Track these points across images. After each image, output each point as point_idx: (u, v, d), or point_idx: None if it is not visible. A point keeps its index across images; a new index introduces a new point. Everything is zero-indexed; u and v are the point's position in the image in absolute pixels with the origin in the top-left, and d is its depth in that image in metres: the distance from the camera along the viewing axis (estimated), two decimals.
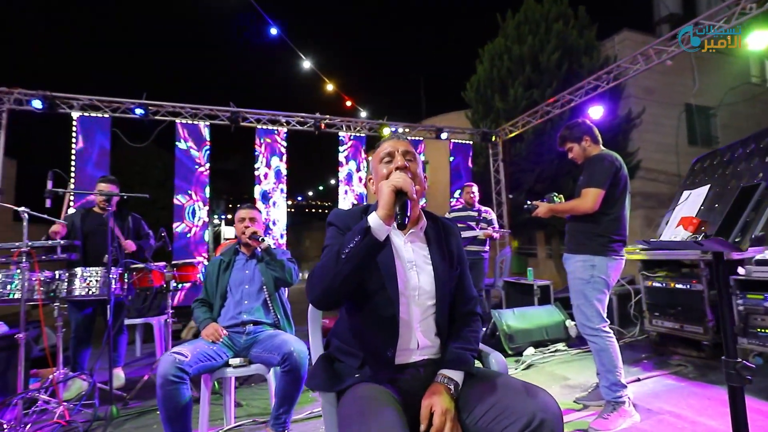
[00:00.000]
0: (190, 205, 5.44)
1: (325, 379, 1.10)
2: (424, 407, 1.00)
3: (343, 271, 0.98)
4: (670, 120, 9.18)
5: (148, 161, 10.70)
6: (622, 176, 2.23)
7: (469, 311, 1.25)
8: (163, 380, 1.67)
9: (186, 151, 5.50)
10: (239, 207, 2.39)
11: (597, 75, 5.55)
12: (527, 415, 0.91)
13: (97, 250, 2.88)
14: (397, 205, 0.98)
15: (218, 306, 2.18)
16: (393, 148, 1.19)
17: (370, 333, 1.11)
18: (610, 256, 2.18)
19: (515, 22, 9.12)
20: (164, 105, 5.50)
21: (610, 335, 2.18)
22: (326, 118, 6.36)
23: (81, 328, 2.89)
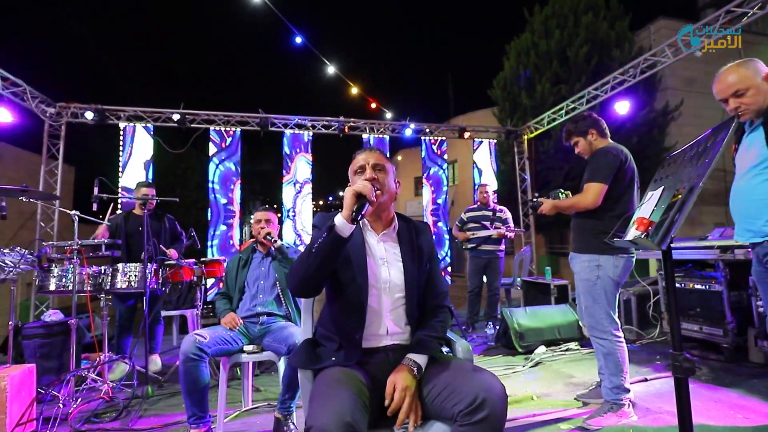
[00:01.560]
0: (224, 206, 5.85)
1: (305, 359, 1.27)
2: (388, 384, 1.15)
3: (313, 263, 1.15)
4: (713, 111, 8.60)
5: (188, 165, 11.46)
6: (627, 169, 2.15)
7: (437, 304, 1.38)
8: (185, 357, 1.92)
9: (219, 155, 5.91)
10: (256, 210, 2.62)
11: (624, 69, 5.37)
12: (472, 395, 1.03)
13: (137, 249, 3.23)
14: (355, 206, 1.14)
15: (237, 299, 2.42)
16: (364, 161, 1.34)
17: (343, 319, 1.28)
18: (616, 255, 2.10)
19: (542, 16, 8.93)
20: (199, 113, 5.93)
21: (619, 339, 2.13)
22: (350, 121, 6.58)
23: (123, 318, 3.26)
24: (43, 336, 2.87)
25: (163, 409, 2.55)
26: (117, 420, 2.38)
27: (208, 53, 71.33)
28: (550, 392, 2.58)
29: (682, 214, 0.91)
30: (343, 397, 1.02)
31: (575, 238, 2.32)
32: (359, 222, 1.14)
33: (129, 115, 5.61)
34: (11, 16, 24.48)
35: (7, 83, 4.37)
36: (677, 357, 1.10)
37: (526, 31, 9.32)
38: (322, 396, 1.05)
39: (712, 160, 0.89)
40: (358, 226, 1.25)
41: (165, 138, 6.02)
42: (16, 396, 2.10)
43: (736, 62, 1.69)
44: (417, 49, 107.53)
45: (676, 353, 1.10)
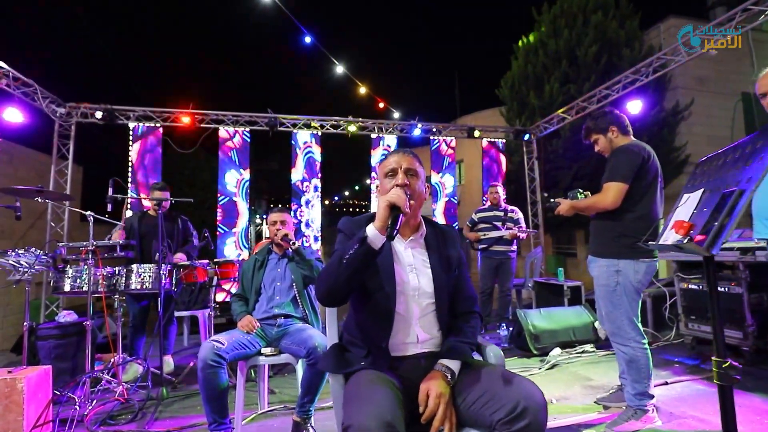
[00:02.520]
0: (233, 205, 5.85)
1: (335, 363, 1.25)
2: (422, 391, 1.12)
3: (343, 273, 1.12)
4: (725, 111, 8.53)
5: (197, 165, 11.47)
6: (651, 168, 2.05)
7: (467, 309, 1.35)
8: (204, 364, 1.90)
9: (229, 155, 5.91)
10: (271, 210, 2.60)
11: (636, 68, 5.32)
12: (512, 402, 1.00)
13: (151, 249, 3.23)
14: (390, 219, 1.11)
15: (253, 301, 2.40)
16: (397, 164, 1.30)
17: (370, 326, 1.25)
18: (637, 259, 2.02)
19: (551, 15, 8.86)
20: (209, 113, 5.93)
21: (643, 346, 2.05)
22: (358, 121, 6.56)
23: (137, 319, 3.25)
24: (57, 337, 2.87)
25: (178, 411, 2.54)
26: (133, 422, 2.37)
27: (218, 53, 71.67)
28: (569, 396, 2.55)
29: (733, 219, 0.88)
30: (380, 396, 1.00)
31: (593, 241, 2.24)
32: (389, 236, 1.10)
33: (138, 115, 5.61)
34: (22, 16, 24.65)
35: (18, 83, 4.39)
36: (721, 364, 1.07)
37: (534, 30, 9.26)
38: (359, 396, 1.03)
39: (766, 162, 0.86)
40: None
41: (174, 138, 6.04)
42: (33, 397, 2.10)
43: None
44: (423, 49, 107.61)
45: (720, 360, 1.07)
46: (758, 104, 8.59)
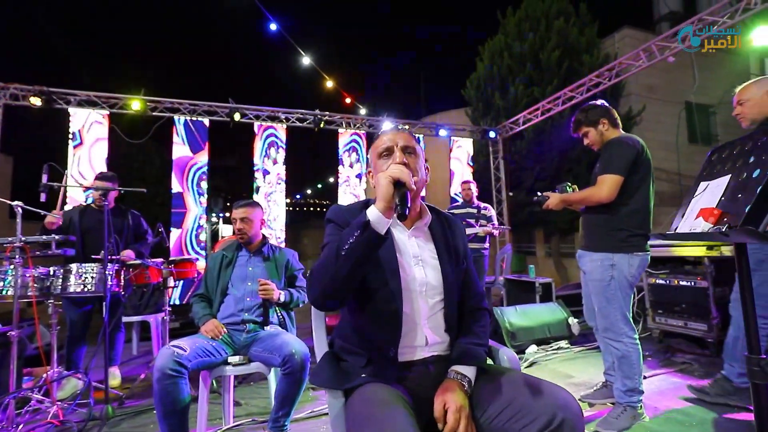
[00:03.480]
0: None
1: (331, 376, 1.05)
2: (438, 404, 0.96)
3: (342, 268, 0.94)
4: (671, 118, 9.16)
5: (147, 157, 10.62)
6: (644, 161, 2.02)
7: (477, 306, 1.21)
8: (161, 374, 1.62)
9: (184, 146, 5.44)
10: (235, 205, 2.32)
11: (599, 72, 5.51)
12: (547, 415, 0.86)
13: (95, 247, 2.82)
14: (397, 196, 0.94)
15: (218, 302, 2.13)
16: (392, 142, 1.13)
17: (372, 332, 1.07)
18: (631, 253, 1.98)
19: (516, 19, 9.08)
20: (162, 101, 5.44)
21: (634, 341, 2.01)
22: (326, 115, 6.32)
23: (76, 326, 2.83)
24: None
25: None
26: None
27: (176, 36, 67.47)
28: None
29: None
30: (397, 418, 0.83)
31: (585, 235, 2.18)
32: (400, 215, 0.93)
33: (81, 100, 5.03)
34: None
35: None
36: (755, 361, 0.99)
37: (499, 33, 9.45)
38: (372, 419, 0.85)
39: None
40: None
41: (122, 127, 5.47)
42: None
43: (755, 79, 2.09)
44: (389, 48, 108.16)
45: (754, 357, 1.00)
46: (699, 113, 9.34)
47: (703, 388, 2.27)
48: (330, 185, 17.53)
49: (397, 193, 0.94)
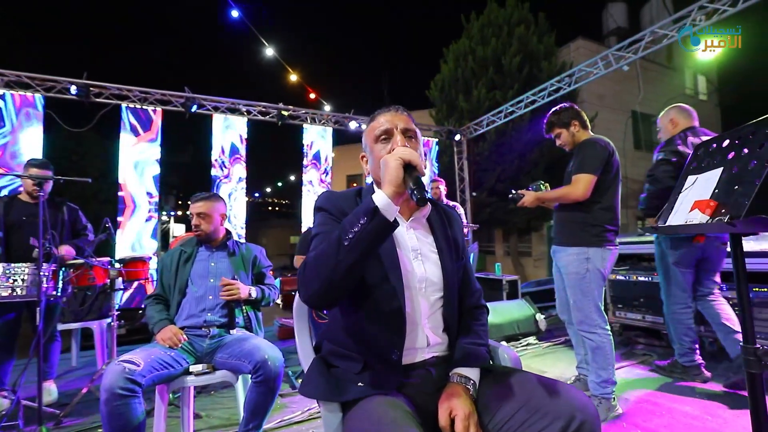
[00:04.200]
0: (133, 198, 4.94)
1: (325, 387, 0.93)
2: (443, 412, 0.88)
3: (346, 260, 0.82)
4: (619, 125, 9.80)
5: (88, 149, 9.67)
6: (614, 162, 2.14)
7: (476, 304, 1.14)
8: (110, 395, 1.40)
9: (132, 138, 4.99)
10: (193, 198, 2.11)
11: (560, 77, 5.74)
12: (565, 417, 0.80)
13: (22, 245, 2.46)
14: (410, 180, 0.84)
15: (176, 302, 1.92)
16: (391, 124, 1.03)
17: (371, 333, 0.96)
18: (604, 247, 2.08)
19: (479, 24, 9.30)
20: (108, 87, 4.96)
21: (608, 332, 2.09)
22: (290, 109, 6.08)
23: (2, 336, 2.46)
24: None
25: None
26: None
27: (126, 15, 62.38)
28: None
29: None
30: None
31: (560, 231, 2.25)
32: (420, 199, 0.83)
33: (10, 81, 4.46)
34: None
35: None
36: (751, 350, 1.00)
37: (463, 36, 9.64)
38: None
39: None
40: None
41: (61, 114, 4.92)
42: None
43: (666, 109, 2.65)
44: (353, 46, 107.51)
45: (749, 346, 1.00)
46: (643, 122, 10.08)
47: (664, 367, 2.64)
48: (290, 183, 17.03)
49: (410, 176, 0.84)
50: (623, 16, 12.19)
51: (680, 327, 2.53)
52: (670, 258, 2.54)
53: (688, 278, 2.52)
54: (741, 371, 2.30)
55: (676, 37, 4.39)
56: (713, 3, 3.98)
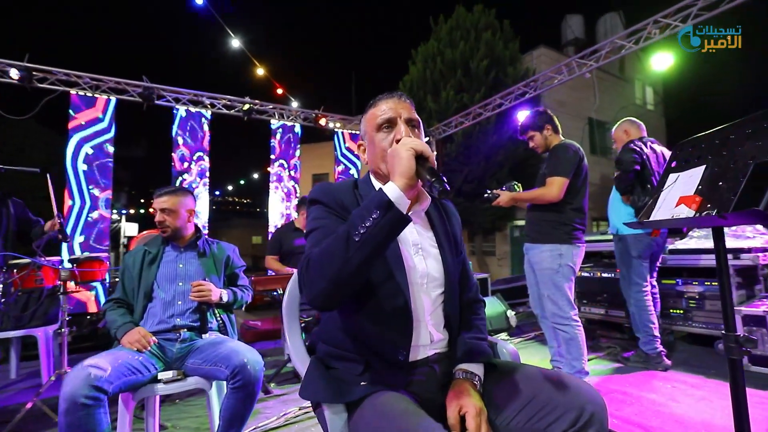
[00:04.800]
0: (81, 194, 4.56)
1: (328, 388, 0.87)
2: (452, 410, 0.85)
3: (356, 257, 0.77)
4: (577, 131, 10.33)
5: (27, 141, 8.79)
6: (584, 167, 2.29)
7: (474, 298, 1.13)
8: (71, 404, 1.26)
9: (81, 128, 4.60)
10: (156, 193, 1.96)
11: (526, 82, 5.94)
12: (576, 409, 0.80)
13: None
14: (425, 172, 0.80)
15: (141, 307, 1.77)
16: (394, 113, 0.98)
17: (375, 333, 0.91)
18: (575, 244, 2.22)
19: (448, 27, 9.46)
20: (54, 71, 4.54)
21: (579, 324, 2.20)
22: (257, 104, 5.87)
23: None
24: None
25: None
26: None
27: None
28: None
29: None
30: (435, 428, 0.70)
31: (534, 230, 2.36)
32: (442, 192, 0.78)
33: None
34: None
35: None
36: (732, 338, 1.05)
37: (431, 38, 9.77)
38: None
39: None
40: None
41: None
42: None
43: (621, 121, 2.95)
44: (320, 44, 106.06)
45: (730, 334, 1.06)
46: (598, 129, 10.72)
47: (629, 358, 2.79)
48: (253, 182, 16.48)
49: (424, 168, 0.80)
50: (580, 28, 12.89)
51: (645, 314, 2.70)
52: (633, 251, 2.72)
53: (646, 270, 2.74)
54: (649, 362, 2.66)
55: (633, 48, 4.68)
56: (666, 18, 4.27)
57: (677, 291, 3.03)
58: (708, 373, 2.49)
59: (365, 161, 1.07)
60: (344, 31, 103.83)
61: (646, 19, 4.47)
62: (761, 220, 0.90)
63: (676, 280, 3.05)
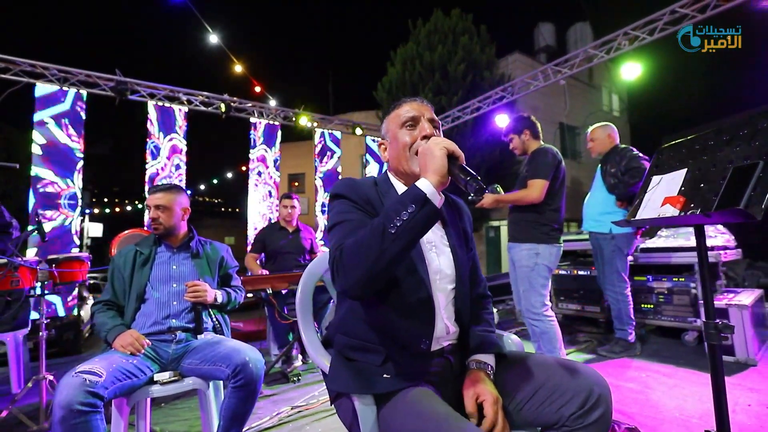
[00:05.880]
0: (61, 193, 4.34)
1: (355, 380, 0.90)
2: (470, 399, 0.89)
3: (392, 248, 0.80)
4: (549, 136, 10.71)
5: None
6: (561, 170, 2.41)
7: (482, 293, 1.18)
8: (67, 412, 1.22)
9: (48, 124, 4.37)
10: (151, 190, 1.91)
11: (504, 87, 6.13)
12: (584, 392, 0.87)
13: None
14: (459, 170, 0.85)
15: (133, 309, 1.72)
16: (418, 112, 1.05)
17: (399, 324, 0.95)
18: (552, 244, 2.34)
19: (426, 30, 9.60)
20: (18, 62, 4.30)
21: (551, 318, 2.31)
22: (235, 101, 5.76)
23: None
24: None
25: None
26: None
27: None
28: None
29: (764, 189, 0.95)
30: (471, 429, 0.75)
31: (516, 229, 2.48)
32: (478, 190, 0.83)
33: None
34: None
35: None
36: (711, 325, 1.15)
37: (410, 41, 9.88)
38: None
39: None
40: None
41: None
42: None
43: (601, 124, 3.11)
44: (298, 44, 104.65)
45: (709, 321, 1.16)
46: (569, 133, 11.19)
47: (608, 350, 2.94)
48: (228, 181, 16.08)
49: (456, 166, 0.85)
50: (552, 36, 13.40)
51: (627, 306, 2.89)
52: (625, 249, 2.90)
53: (627, 265, 2.94)
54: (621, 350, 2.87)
55: (604, 57, 4.94)
56: (635, 31, 4.54)
57: (648, 287, 3.23)
58: (678, 362, 2.67)
59: (386, 159, 1.11)
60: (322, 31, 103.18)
61: (614, 29, 4.74)
62: (741, 218, 1.00)
63: (646, 276, 3.24)
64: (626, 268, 2.93)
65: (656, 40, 4.45)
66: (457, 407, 0.91)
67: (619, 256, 2.91)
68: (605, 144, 3.02)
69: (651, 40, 4.46)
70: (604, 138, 3.03)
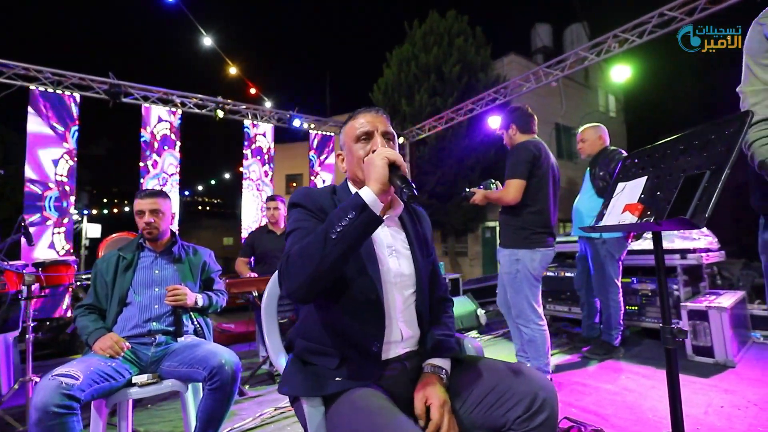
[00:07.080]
0: (50, 195, 4.38)
1: (305, 383, 0.94)
2: (419, 401, 0.93)
3: (332, 253, 0.84)
4: (544, 136, 10.73)
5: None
6: (542, 164, 2.22)
7: (443, 297, 1.22)
8: (43, 414, 1.25)
9: (43, 125, 4.41)
10: (138, 195, 1.96)
11: (496, 88, 6.16)
12: (529, 396, 0.90)
13: None
14: (397, 178, 0.89)
15: (115, 313, 1.75)
16: (372, 126, 1.07)
17: (350, 326, 0.98)
18: (533, 249, 2.20)
19: (422, 31, 9.63)
20: (12, 65, 4.34)
21: (540, 327, 2.22)
22: (229, 103, 5.80)
23: None
24: None
25: None
26: None
27: None
28: None
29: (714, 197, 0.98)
30: (406, 427, 0.77)
31: (501, 233, 2.42)
32: (411, 196, 0.87)
33: None
34: None
35: None
36: (668, 330, 1.18)
37: (406, 42, 9.91)
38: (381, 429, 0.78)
39: (733, 149, 0.98)
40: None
41: None
42: None
43: (591, 124, 3.09)
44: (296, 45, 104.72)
45: (666, 326, 1.19)
46: (564, 134, 11.21)
47: (592, 351, 2.96)
48: (225, 182, 16.14)
49: (396, 175, 0.88)
50: (548, 37, 13.42)
51: (617, 312, 2.89)
52: (616, 254, 2.85)
53: (620, 270, 2.91)
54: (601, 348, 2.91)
55: (595, 60, 4.96)
56: (625, 33, 4.56)
57: (632, 288, 3.26)
58: (658, 364, 2.69)
59: (343, 170, 1.14)
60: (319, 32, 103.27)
61: (608, 31, 4.77)
62: (687, 226, 1.03)
63: (631, 278, 3.27)
64: (618, 273, 2.88)
65: (652, 41, 4.47)
66: (411, 411, 0.94)
67: (610, 262, 2.85)
68: (596, 145, 2.98)
69: (640, 43, 4.49)
70: (595, 139, 2.99)
